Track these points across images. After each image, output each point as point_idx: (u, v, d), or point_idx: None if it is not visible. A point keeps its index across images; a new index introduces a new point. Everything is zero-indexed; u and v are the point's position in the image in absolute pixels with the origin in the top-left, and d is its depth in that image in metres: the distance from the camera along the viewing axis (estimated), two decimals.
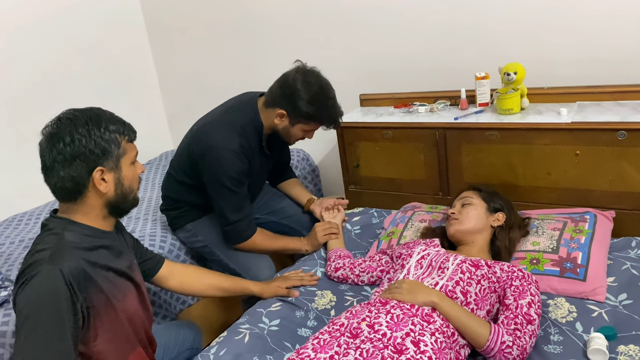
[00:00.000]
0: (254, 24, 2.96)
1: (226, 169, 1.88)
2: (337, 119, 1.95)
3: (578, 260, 1.67)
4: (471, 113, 2.15)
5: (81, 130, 1.27)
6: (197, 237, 2.11)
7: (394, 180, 2.35)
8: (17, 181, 2.66)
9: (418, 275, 1.58)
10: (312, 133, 2.00)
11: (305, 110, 1.86)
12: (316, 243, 2.06)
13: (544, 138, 1.94)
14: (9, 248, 2.24)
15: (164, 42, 3.37)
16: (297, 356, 1.35)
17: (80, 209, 1.33)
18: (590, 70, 2.10)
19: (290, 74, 1.89)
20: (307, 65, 1.93)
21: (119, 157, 1.32)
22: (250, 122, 1.94)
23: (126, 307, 1.40)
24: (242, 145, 1.90)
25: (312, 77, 1.88)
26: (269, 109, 1.93)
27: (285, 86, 1.88)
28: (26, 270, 1.22)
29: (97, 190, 1.31)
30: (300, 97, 1.84)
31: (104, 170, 1.30)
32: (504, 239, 1.74)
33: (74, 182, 1.28)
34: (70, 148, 1.26)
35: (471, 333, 1.38)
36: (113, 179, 1.33)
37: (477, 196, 1.81)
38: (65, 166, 1.27)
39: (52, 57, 2.84)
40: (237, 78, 3.07)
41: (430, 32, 2.42)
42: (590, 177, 1.91)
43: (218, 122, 1.97)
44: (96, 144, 1.28)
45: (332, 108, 1.91)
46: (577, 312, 1.54)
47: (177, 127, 3.59)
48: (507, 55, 2.11)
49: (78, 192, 1.30)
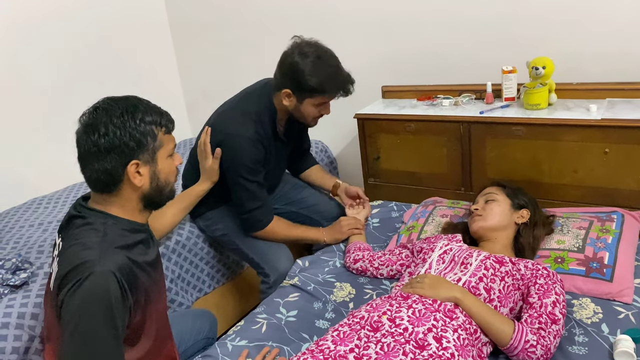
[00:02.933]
0: (275, 14, 2.93)
1: (242, 158, 1.86)
2: (344, 86, 1.84)
3: (605, 260, 1.63)
4: (497, 107, 2.10)
5: (116, 122, 1.22)
6: (217, 225, 2.10)
7: (414, 173, 2.32)
8: (37, 164, 2.68)
9: (440, 270, 1.56)
10: (327, 107, 1.91)
11: (308, 84, 1.78)
12: (336, 236, 2.03)
13: (572, 134, 1.89)
14: (29, 231, 2.25)
15: (184, 31, 3.35)
16: (316, 347, 1.33)
17: (116, 202, 1.29)
18: (621, 66, 2.05)
19: (287, 50, 1.83)
20: (303, 37, 1.85)
21: (155, 150, 1.27)
22: (265, 109, 1.91)
23: (160, 300, 1.39)
24: (258, 132, 1.87)
25: (308, 48, 1.80)
26: (277, 91, 1.88)
27: (284, 63, 1.82)
28: (75, 271, 1.16)
29: (132, 184, 1.26)
30: (299, 70, 1.77)
31: (139, 164, 1.25)
32: (527, 236, 1.70)
33: (109, 175, 1.24)
34: (105, 140, 1.21)
35: (494, 331, 1.35)
36: (149, 172, 1.28)
37: (501, 192, 1.77)
38: (100, 158, 1.22)
39: (73, 44, 2.84)
40: (256, 66, 3.04)
41: (456, 24, 2.38)
42: (618, 175, 1.87)
43: (233, 110, 1.95)
44: (131, 136, 1.22)
45: (336, 76, 1.82)
46: (603, 313, 1.50)
47: (195, 115, 3.58)
48: (535, 49, 2.07)
49: (113, 185, 1.26)
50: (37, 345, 1.65)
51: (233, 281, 2.39)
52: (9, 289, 1.72)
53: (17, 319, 1.63)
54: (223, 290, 2.29)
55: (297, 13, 2.84)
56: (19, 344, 1.60)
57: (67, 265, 1.18)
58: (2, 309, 1.64)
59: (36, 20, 2.67)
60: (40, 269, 1.86)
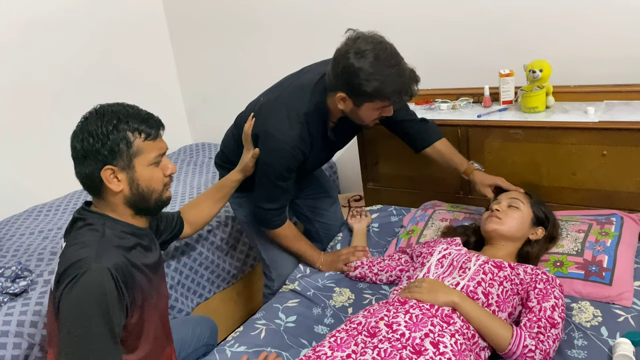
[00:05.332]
0: (275, 19, 2.94)
1: (276, 163, 1.74)
2: (406, 88, 1.59)
3: (604, 263, 1.62)
4: (495, 111, 2.10)
5: (91, 129, 1.26)
6: (242, 207, 2.03)
7: (413, 177, 2.31)
8: (37, 172, 2.69)
9: (438, 274, 1.55)
10: (389, 109, 1.67)
11: (364, 89, 1.55)
12: (333, 266, 1.95)
13: (570, 137, 1.89)
14: (29, 239, 2.26)
15: (183, 37, 3.37)
16: (313, 354, 1.33)
17: (107, 206, 1.33)
18: (619, 68, 2.04)
19: (341, 49, 1.59)
20: (359, 32, 1.60)
21: (131, 157, 1.29)
22: (316, 108, 1.73)
23: (159, 304, 1.41)
24: (302, 138, 1.72)
25: (364, 46, 1.55)
26: (331, 93, 1.68)
27: (338, 64, 1.59)
28: (72, 267, 1.19)
29: (110, 189, 1.29)
30: (354, 73, 1.54)
31: (115, 170, 1.28)
32: (536, 250, 1.67)
33: (89, 179, 1.29)
34: (82, 146, 1.27)
35: (493, 335, 1.35)
36: (126, 179, 1.30)
37: (527, 202, 1.72)
38: (79, 163, 1.29)
39: (73, 53, 2.86)
40: (256, 72, 3.06)
41: (453, 28, 2.38)
42: (617, 178, 1.86)
43: (283, 105, 1.75)
44: (103, 143, 1.26)
45: (396, 78, 1.56)
46: (602, 317, 1.50)
47: (195, 121, 3.59)
48: (532, 52, 2.06)
49: (95, 188, 1.31)
50: (37, 353, 1.65)
51: (234, 286, 2.39)
52: (9, 297, 1.73)
53: (17, 327, 1.64)
54: (223, 295, 2.29)
55: (297, 18, 2.85)
56: (18, 352, 1.61)
57: (65, 262, 1.22)
58: (2, 317, 1.65)
59: (37, 29, 2.69)
60: (40, 276, 1.87)
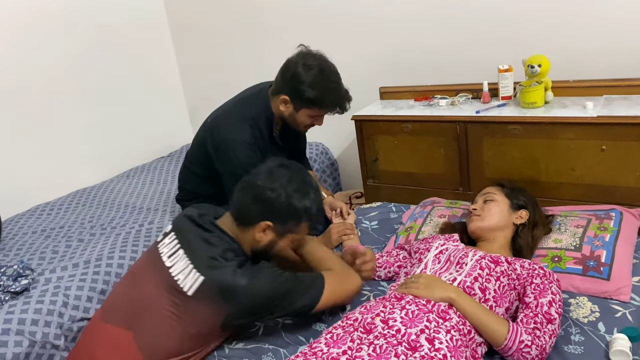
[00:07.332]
0: (274, 17, 2.94)
1: (239, 160, 1.88)
2: (341, 103, 1.87)
3: (602, 258, 1.61)
4: (493, 106, 2.10)
5: (289, 190, 1.42)
6: None
7: (413, 174, 2.32)
8: (40, 172, 2.71)
9: (435, 270, 1.55)
10: (321, 119, 1.94)
11: (307, 95, 1.82)
12: (329, 245, 2.00)
13: (569, 132, 1.88)
14: (31, 237, 2.27)
15: (185, 36, 3.38)
16: (310, 350, 1.33)
17: (242, 238, 1.48)
18: (617, 62, 2.04)
19: (292, 58, 1.87)
20: (309, 48, 1.88)
21: (289, 231, 1.47)
22: (261, 113, 1.94)
23: None
24: (254, 136, 1.91)
25: (312, 60, 1.83)
26: (275, 96, 1.91)
27: (286, 71, 1.85)
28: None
29: (254, 235, 1.45)
30: (301, 81, 1.81)
31: (271, 227, 1.44)
32: (526, 236, 1.69)
33: (246, 214, 1.46)
34: (268, 193, 1.41)
35: (489, 331, 1.35)
36: (271, 239, 1.47)
37: (500, 192, 1.76)
38: (252, 198, 1.44)
39: (73, 50, 2.87)
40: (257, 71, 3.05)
41: (452, 23, 2.38)
42: (616, 173, 1.86)
43: (230, 113, 1.97)
44: (284, 208, 1.42)
45: (335, 92, 1.86)
46: (600, 312, 1.49)
47: (198, 120, 3.59)
48: (531, 47, 2.06)
49: (244, 225, 1.46)
50: (38, 350, 1.67)
51: None
52: (10, 296, 1.75)
53: (18, 325, 1.65)
54: None
55: (297, 16, 2.85)
56: (19, 350, 1.62)
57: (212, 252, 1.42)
58: (3, 315, 1.66)
59: (37, 26, 2.71)
60: (42, 275, 1.88)
